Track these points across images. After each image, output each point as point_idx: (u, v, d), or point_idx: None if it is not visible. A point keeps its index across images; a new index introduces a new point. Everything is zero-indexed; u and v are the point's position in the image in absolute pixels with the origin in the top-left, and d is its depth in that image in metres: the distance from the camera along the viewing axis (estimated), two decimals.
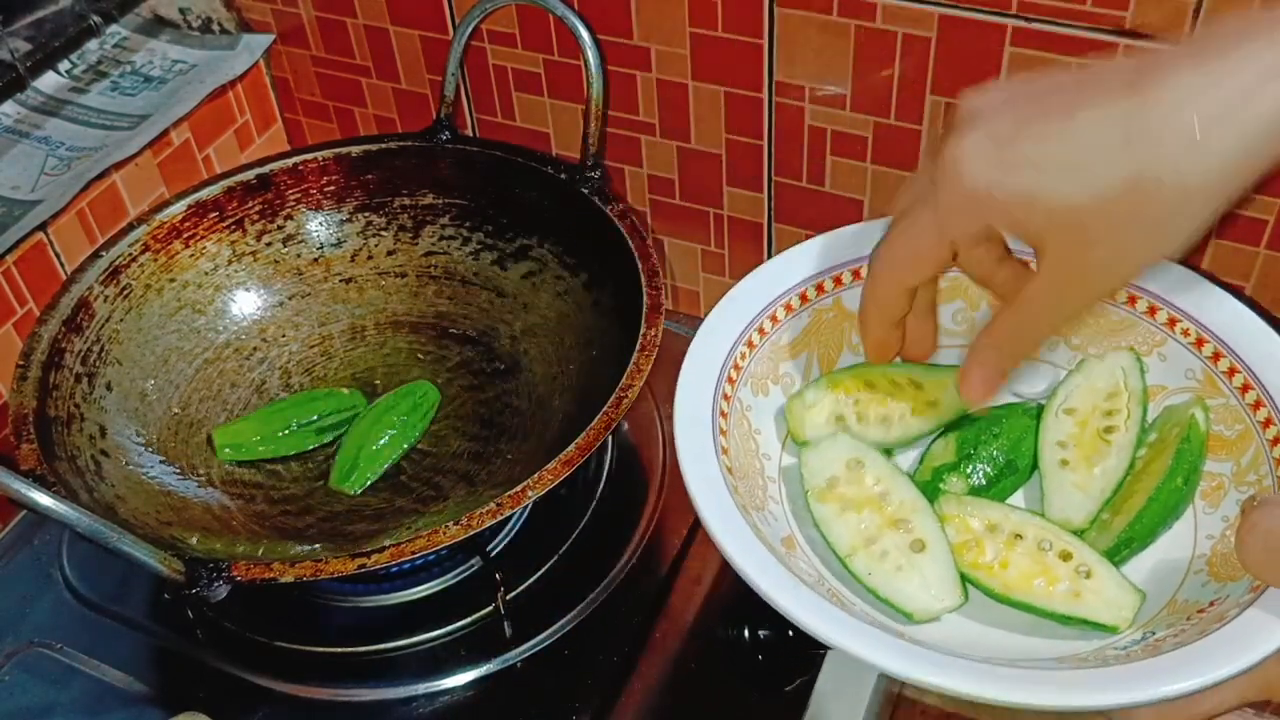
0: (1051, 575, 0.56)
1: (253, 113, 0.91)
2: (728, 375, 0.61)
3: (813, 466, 0.60)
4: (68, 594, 0.72)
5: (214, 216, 0.79)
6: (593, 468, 0.76)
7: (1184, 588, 0.56)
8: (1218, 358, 0.60)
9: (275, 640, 0.69)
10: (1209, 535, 0.58)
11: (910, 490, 0.59)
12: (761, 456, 0.62)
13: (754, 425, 0.62)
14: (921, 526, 0.57)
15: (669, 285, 0.87)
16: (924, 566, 0.56)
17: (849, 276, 0.66)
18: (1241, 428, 0.59)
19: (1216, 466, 0.59)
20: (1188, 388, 0.62)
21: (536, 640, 0.67)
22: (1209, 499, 0.59)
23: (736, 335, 0.63)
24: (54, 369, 0.69)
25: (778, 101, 0.73)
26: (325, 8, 0.85)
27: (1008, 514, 0.59)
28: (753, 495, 0.59)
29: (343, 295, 0.83)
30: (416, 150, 0.82)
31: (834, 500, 0.58)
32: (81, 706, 0.67)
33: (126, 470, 0.69)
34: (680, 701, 0.65)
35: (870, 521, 0.58)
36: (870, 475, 0.59)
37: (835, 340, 0.66)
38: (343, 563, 0.58)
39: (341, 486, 0.72)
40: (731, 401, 0.61)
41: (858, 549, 0.57)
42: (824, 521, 0.58)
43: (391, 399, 0.76)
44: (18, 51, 0.78)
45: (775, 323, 0.64)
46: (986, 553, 0.57)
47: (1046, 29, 0.63)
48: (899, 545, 0.56)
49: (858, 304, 0.65)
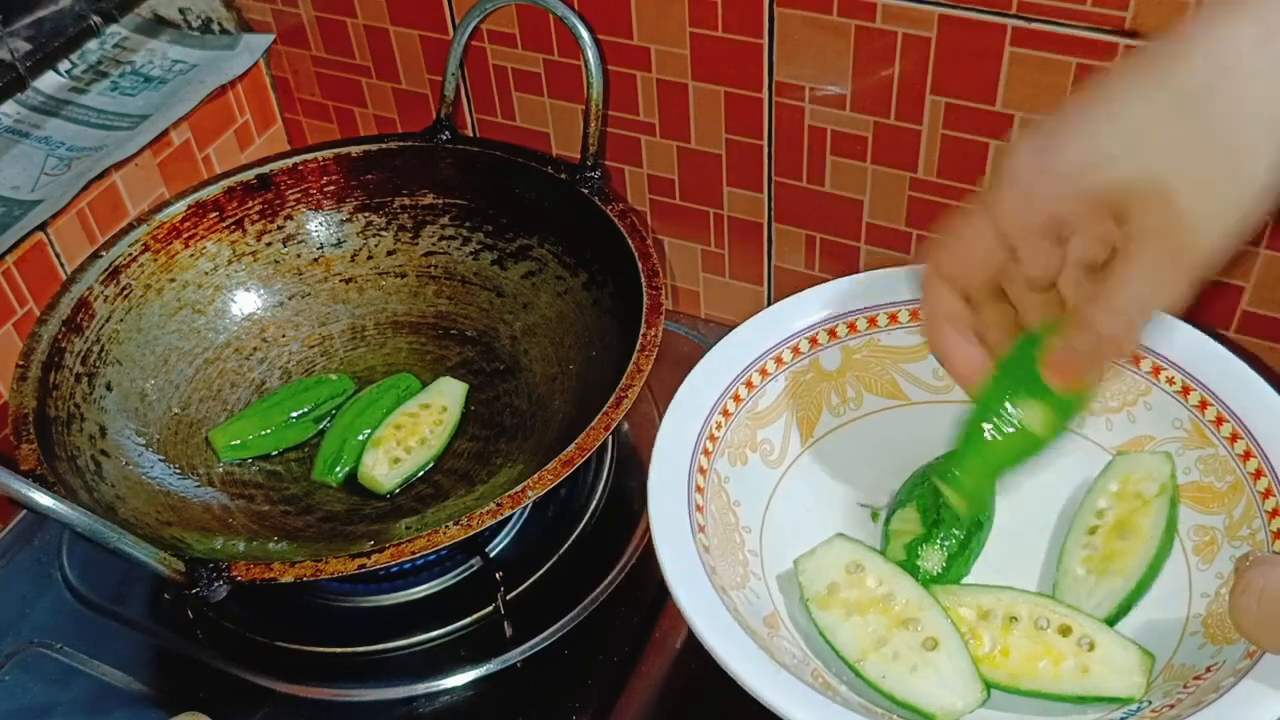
0: (1055, 654, 0.55)
1: (253, 113, 0.91)
2: (703, 447, 0.60)
3: (810, 574, 0.58)
4: (68, 594, 0.72)
5: (214, 216, 0.79)
6: (593, 468, 0.76)
7: (1180, 651, 0.55)
8: (1205, 406, 0.59)
9: (275, 640, 0.69)
10: (1204, 594, 0.56)
11: (915, 588, 0.57)
12: (741, 530, 0.61)
13: (732, 498, 0.61)
14: (931, 624, 0.55)
15: (669, 285, 0.87)
16: (940, 664, 0.54)
17: (824, 336, 0.65)
18: (1232, 479, 0.58)
19: (1208, 520, 0.58)
20: (1175, 438, 0.61)
21: (536, 640, 0.67)
22: (1202, 554, 0.58)
23: (711, 403, 0.61)
24: (54, 369, 0.69)
25: (778, 101, 0.73)
26: (325, 8, 0.85)
27: (998, 596, 0.57)
28: (732, 572, 0.57)
29: (343, 295, 0.83)
30: (416, 150, 0.82)
31: (837, 606, 0.57)
32: (81, 706, 0.67)
33: (126, 470, 0.69)
34: (680, 701, 0.65)
35: (878, 623, 0.56)
36: (872, 577, 0.57)
37: (814, 403, 0.66)
38: (343, 563, 0.58)
39: (325, 478, 0.73)
40: (708, 474, 0.60)
41: (868, 653, 0.55)
42: (829, 629, 0.56)
43: (375, 391, 0.76)
44: (18, 51, 0.78)
45: (751, 388, 0.63)
46: (985, 642, 0.56)
47: (1046, 29, 0.63)
48: (911, 645, 0.55)
49: (834, 364, 0.64)
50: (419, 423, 0.74)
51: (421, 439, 0.73)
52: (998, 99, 0.67)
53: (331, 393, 0.77)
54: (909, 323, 0.66)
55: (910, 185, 0.73)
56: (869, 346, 0.67)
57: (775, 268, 0.82)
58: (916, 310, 0.66)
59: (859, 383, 0.67)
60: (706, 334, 0.86)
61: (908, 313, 0.66)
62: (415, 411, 0.75)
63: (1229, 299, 0.69)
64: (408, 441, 0.73)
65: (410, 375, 0.77)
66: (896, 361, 0.68)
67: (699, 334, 0.86)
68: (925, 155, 0.71)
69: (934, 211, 0.73)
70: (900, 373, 0.68)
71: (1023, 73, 0.65)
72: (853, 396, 0.67)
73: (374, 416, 0.75)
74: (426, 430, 0.74)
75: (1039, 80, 0.65)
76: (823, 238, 0.79)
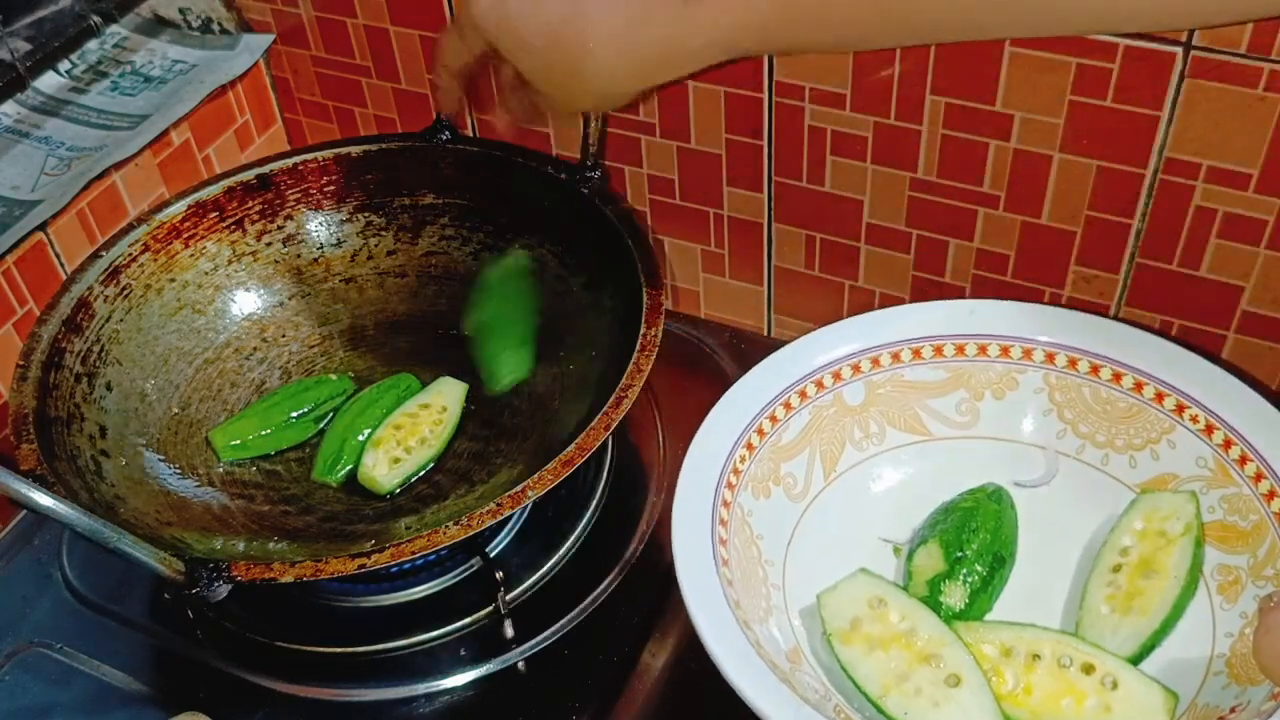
0: (1078, 692, 0.55)
1: (253, 113, 0.91)
2: (727, 480, 0.60)
3: (833, 608, 0.58)
4: (68, 594, 0.72)
5: (214, 216, 0.79)
6: (593, 468, 0.76)
7: (1204, 690, 0.55)
8: (1229, 445, 0.59)
9: (275, 640, 0.69)
10: (1228, 633, 0.56)
11: (937, 624, 0.57)
12: (764, 563, 0.61)
13: (755, 531, 0.61)
14: (954, 660, 0.55)
15: (669, 285, 0.87)
16: (963, 700, 0.54)
17: (848, 371, 0.66)
18: (1256, 518, 0.58)
19: (1232, 559, 0.58)
20: (1199, 476, 0.61)
21: (536, 640, 0.67)
22: (1226, 594, 0.58)
23: (736, 437, 0.62)
24: (54, 369, 0.69)
25: (778, 101, 0.73)
26: (325, 8, 0.85)
27: (1020, 633, 0.57)
28: (755, 605, 0.58)
29: (343, 295, 0.83)
30: (416, 150, 0.82)
31: (859, 641, 0.57)
32: (81, 706, 0.67)
33: (127, 470, 0.69)
34: (680, 701, 0.65)
35: (900, 659, 0.56)
36: (895, 612, 0.58)
37: (837, 437, 0.66)
38: (343, 563, 0.58)
39: (325, 478, 0.72)
40: (732, 508, 0.60)
41: (890, 689, 0.55)
42: (850, 664, 0.56)
43: (375, 391, 0.76)
44: (18, 51, 0.78)
45: (775, 422, 0.64)
46: (1007, 680, 0.56)
47: None
48: (933, 681, 0.55)
49: (858, 398, 0.65)
50: (419, 423, 0.74)
51: (421, 439, 0.73)
52: (998, 99, 0.67)
53: (331, 393, 0.77)
54: (933, 358, 0.67)
55: (910, 185, 0.73)
56: (892, 381, 0.67)
57: (775, 268, 0.82)
58: (941, 346, 0.67)
59: (882, 417, 0.68)
60: (706, 334, 0.86)
61: (931, 348, 0.67)
62: (415, 412, 0.75)
63: (1229, 299, 0.69)
64: (408, 441, 0.73)
65: (410, 375, 0.77)
66: (920, 396, 0.68)
67: (699, 334, 0.86)
68: (925, 155, 0.71)
69: (934, 211, 0.73)
70: (924, 408, 0.68)
71: (1023, 73, 0.65)
72: (875, 431, 0.67)
73: (374, 416, 0.75)
74: (426, 430, 0.74)
75: (1039, 80, 0.65)
76: (823, 238, 0.79)
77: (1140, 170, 0.66)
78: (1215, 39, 0.60)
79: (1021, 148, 0.68)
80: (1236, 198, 0.65)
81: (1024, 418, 0.67)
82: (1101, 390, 0.65)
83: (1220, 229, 0.67)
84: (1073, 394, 0.66)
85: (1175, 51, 0.61)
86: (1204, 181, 0.65)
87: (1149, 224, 0.68)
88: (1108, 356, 0.65)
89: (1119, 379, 0.64)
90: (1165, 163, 0.66)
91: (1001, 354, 0.67)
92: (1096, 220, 0.70)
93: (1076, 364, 0.65)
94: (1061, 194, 0.69)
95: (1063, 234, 0.71)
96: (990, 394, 0.67)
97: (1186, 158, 0.65)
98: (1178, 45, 0.61)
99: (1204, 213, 0.66)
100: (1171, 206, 0.67)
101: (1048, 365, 0.66)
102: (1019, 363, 0.67)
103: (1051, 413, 0.66)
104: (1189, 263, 0.69)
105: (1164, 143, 0.65)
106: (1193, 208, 0.67)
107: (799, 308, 0.83)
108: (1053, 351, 0.66)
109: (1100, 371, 0.65)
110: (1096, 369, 0.65)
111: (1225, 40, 0.60)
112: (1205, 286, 0.69)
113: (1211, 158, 0.64)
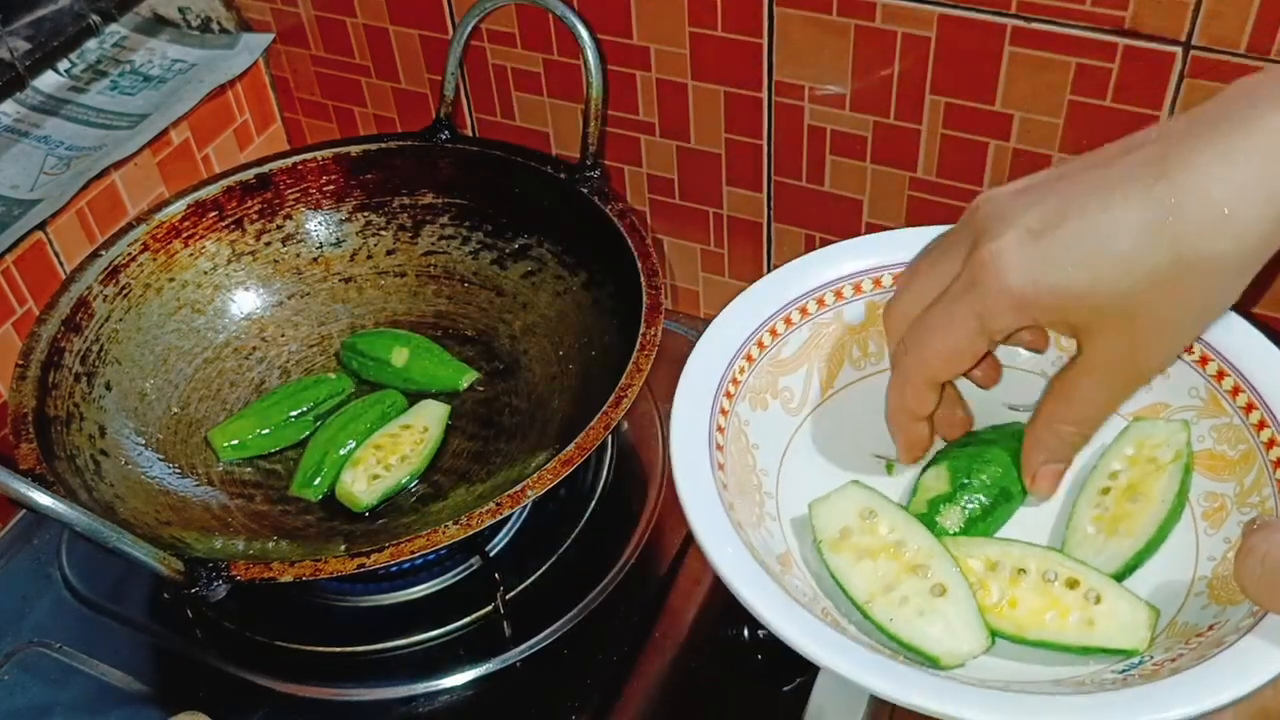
0: (1061, 606, 0.55)
1: (252, 112, 0.91)
2: (725, 390, 0.61)
3: (824, 517, 0.58)
4: (68, 594, 0.72)
5: (213, 216, 0.79)
6: (593, 468, 0.76)
7: (1184, 610, 0.55)
8: (1222, 376, 0.60)
9: (275, 640, 0.69)
10: (1210, 557, 0.57)
11: (926, 536, 0.57)
12: (759, 472, 0.61)
13: (751, 440, 0.62)
14: (941, 571, 0.56)
15: (669, 285, 0.87)
16: (947, 611, 0.54)
17: (850, 290, 0.65)
18: (1245, 448, 0.58)
19: (1219, 487, 0.59)
20: (1190, 405, 0.61)
21: (536, 640, 0.67)
22: (1211, 520, 0.58)
23: (735, 349, 0.62)
24: (53, 368, 0.69)
25: (778, 101, 0.73)
26: (325, 7, 0.85)
27: (1006, 549, 0.58)
28: (749, 511, 0.58)
29: (342, 295, 0.83)
30: (416, 150, 0.82)
31: (848, 550, 0.57)
32: (81, 706, 0.67)
33: (126, 470, 0.69)
34: (680, 701, 0.65)
35: (888, 568, 0.56)
36: (884, 524, 0.58)
37: (836, 354, 0.66)
38: (342, 562, 0.58)
39: (302, 492, 0.72)
40: (729, 416, 0.60)
41: (876, 595, 0.55)
42: (839, 571, 0.57)
43: (359, 406, 0.75)
44: (17, 51, 0.78)
45: (775, 336, 0.64)
46: (992, 593, 0.56)
47: (1046, 29, 0.63)
48: (919, 591, 0.55)
49: (858, 318, 0.65)
50: (399, 442, 0.73)
51: (402, 456, 0.72)
52: (997, 99, 0.67)
53: (330, 391, 0.77)
54: None
55: (910, 185, 0.73)
56: None
57: (774, 268, 0.82)
58: None
59: (881, 338, 0.67)
60: None
61: None
62: (396, 432, 0.73)
63: None
64: (387, 460, 0.72)
65: (396, 392, 0.77)
66: None
67: (699, 334, 0.86)
68: (925, 155, 0.71)
69: (934, 211, 0.73)
70: None
71: (1022, 72, 0.65)
72: (874, 351, 0.67)
73: (357, 431, 0.73)
74: (407, 448, 0.73)
75: (1038, 80, 0.65)
76: (822, 237, 0.79)
77: None
78: (1215, 39, 0.60)
79: (1021, 147, 0.68)
80: None
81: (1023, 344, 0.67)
82: None
83: None
84: None
85: (1175, 51, 0.61)
86: None
87: None
88: None
89: None
90: None
91: None
92: None
93: None
94: None
95: None
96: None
97: None
98: (1177, 45, 0.61)
99: None
100: None
101: None
102: None
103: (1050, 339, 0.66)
104: None
105: None
106: None
107: None
108: None
109: None
110: None
111: (1224, 40, 0.60)
112: None
113: None
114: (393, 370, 0.77)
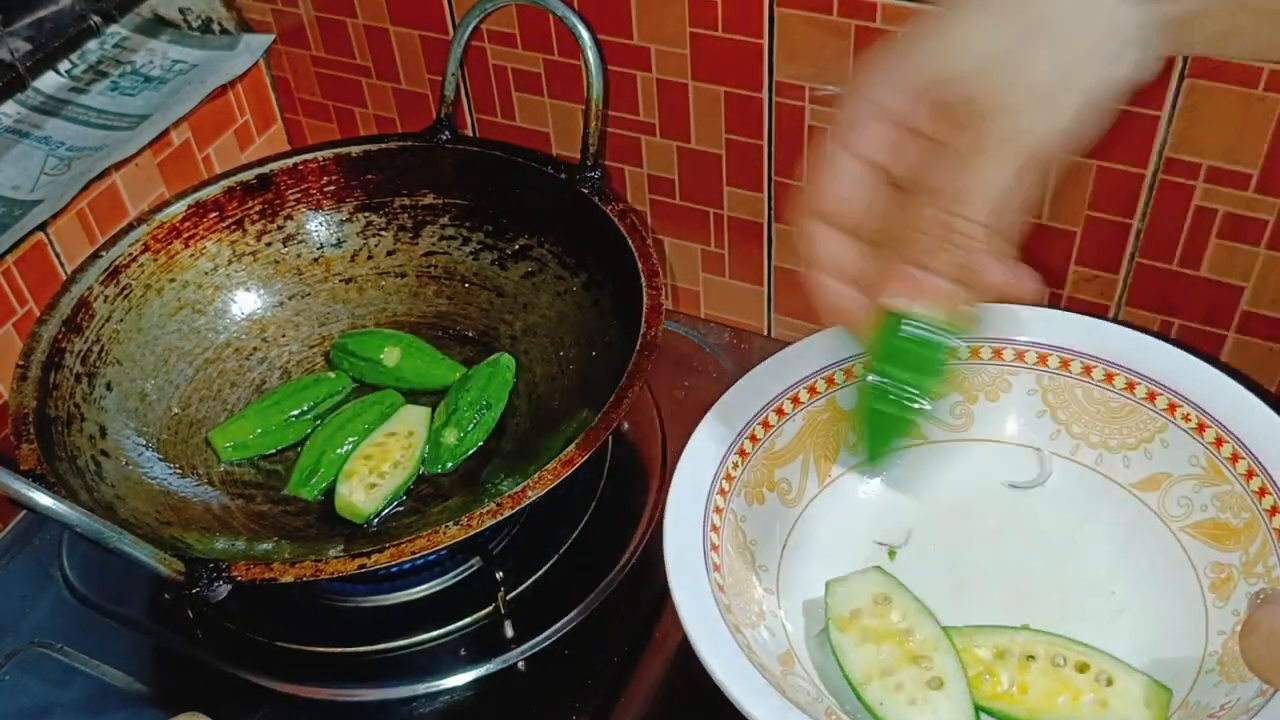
0: (1073, 690, 0.55)
1: (253, 113, 0.91)
2: (719, 487, 0.61)
3: (839, 596, 0.59)
4: (68, 594, 0.72)
5: (214, 216, 0.79)
6: (593, 468, 0.76)
7: (1195, 689, 0.55)
8: (1220, 443, 0.60)
9: (275, 640, 0.69)
10: (1220, 631, 0.57)
11: (935, 629, 0.58)
12: (758, 569, 0.61)
13: (749, 537, 0.62)
14: (941, 665, 0.56)
15: (669, 285, 0.87)
16: (939, 704, 0.55)
17: (841, 376, 0.65)
18: (1248, 516, 0.58)
19: (1224, 556, 0.59)
20: (1192, 474, 0.61)
21: (536, 640, 0.67)
22: (1218, 591, 0.58)
23: (727, 445, 0.62)
24: (54, 369, 0.69)
25: (778, 101, 0.73)
26: (325, 8, 0.85)
27: (1014, 636, 0.58)
28: (746, 611, 0.58)
29: (343, 295, 0.83)
30: (416, 150, 0.82)
31: (855, 630, 0.58)
32: (81, 706, 0.67)
33: (126, 470, 0.69)
34: (680, 701, 0.65)
35: (890, 654, 0.57)
36: (897, 611, 0.59)
37: (831, 442, 0.66)
38: (343, 563, 0.58)
39: (299, 492, 0.72)
40: (724, 514, 0.60)
41: (872, 678, 0.56)
42: (841, 649, 0.57)
43: (358, 406, 0.75)
44: (18, 51, 0.78)
45: (768, 429, 0.64)
46: (1002, 681, 0.56)
47: None
48: (916, 680, 0.56)
49: (851, 403, 0.65)
50: (388, 450, 0.73)
51: (394, 463, 0.72)
52: None
53: (330, 391, 0.76)
54: None
55: None
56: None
57: (775, 268, 0.82)
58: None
59: None
60: (706, 334, 0.86)
61: None
62: (382, 440, 0.73)
63: (1229, 299, 0.69)
64: (380, 467, 0.72)
65: (395, 392, 0.77)
66: None
67: (699, 334, 0.86)
68: None
69: None
70: None
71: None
72: None
73: (356, 429, 0.73)
74: (398, 454, 0.72)
75: None
76: None
77: (1140, 170, 0.66)
78: None
79: None
80: (1236, 197, 0.65)
81: (1017, 420, 0.67)
82: (1094, 391, 0.65)
83: (1220, 229, 0.67)
84: (1066, 395, 0.66)
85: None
86: (1204, 181, 0.65)
87: (1149, 224, 0.68)
88: (1100, 357, 0.65)
89: (1111, 379, 0.64)
90: (1165, 163, 0.66)
91: (994, 356, 0.67)
92: (1097, 220, 0.70)
93: (1069, 365, 0.65)
94: (1062, 194, 0.69)
95: (1063, 234, 0.71)
96: (984, 396, 0.67)
97: (1186, 157, 0.65)
98: None
99: (1204, 212, 0.66)
100: (1171, 206, 0.67)
101: (1040, 367, 0.66)
102: (1012, 365, 0.67)
103: (1045, 414, 0.66)
104: (1189, 263, 0.69)
105: (1164, 143, 0.65)
106: (1192, 207, 0.67)
107: (799, 308, 0.83)
108: (1045, 353, 0.66)
109: (1093, 372, 0.65)
110: (1089, 370, 0.65)
111: None
112: (1205, 286, 0.69)
113: (1211, 158, 0.64)
114: (385, 370, 0.77)
